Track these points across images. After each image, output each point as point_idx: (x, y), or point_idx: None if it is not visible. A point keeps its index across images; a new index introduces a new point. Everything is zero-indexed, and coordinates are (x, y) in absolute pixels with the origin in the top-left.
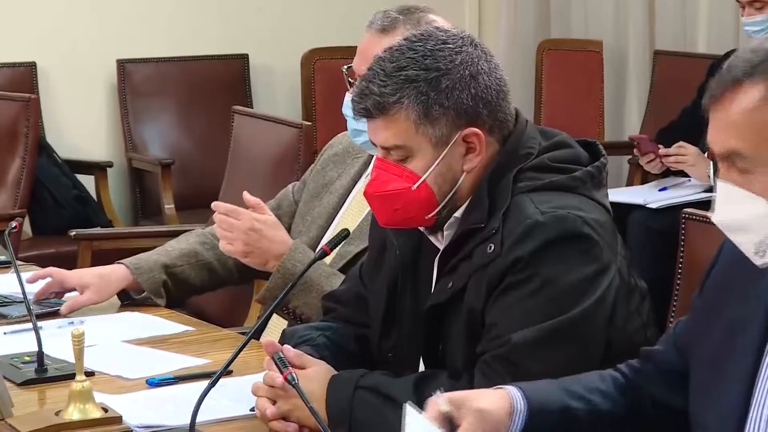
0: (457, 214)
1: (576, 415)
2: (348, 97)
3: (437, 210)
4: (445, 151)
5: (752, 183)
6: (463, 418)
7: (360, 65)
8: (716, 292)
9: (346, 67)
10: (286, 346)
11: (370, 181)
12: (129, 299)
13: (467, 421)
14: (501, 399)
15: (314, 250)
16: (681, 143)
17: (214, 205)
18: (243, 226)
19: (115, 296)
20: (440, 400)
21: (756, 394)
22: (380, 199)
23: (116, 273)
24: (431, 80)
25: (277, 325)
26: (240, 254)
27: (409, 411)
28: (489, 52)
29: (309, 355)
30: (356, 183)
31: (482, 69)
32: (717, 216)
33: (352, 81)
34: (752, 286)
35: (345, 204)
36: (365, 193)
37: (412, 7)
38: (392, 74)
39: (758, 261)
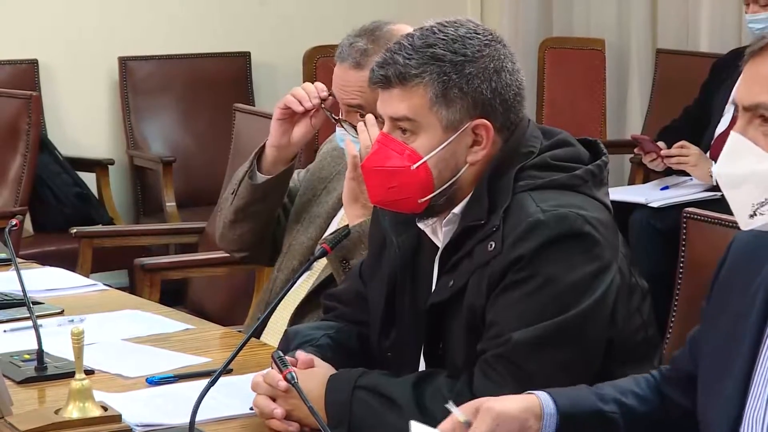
0: (456, 210)
1: (611, 418)
2: (338, 131)
3: (432, 195)
4: (452, 137)
5: None
6: (477, 421)
7: (339, 97)
8: (722, 291)
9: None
10: (299, 351)
11: (369, 155)
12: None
13: (477, 425)
14: (525, 401)
15: (313, 250)
16: (683, 143)
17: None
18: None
19: None
20: (455, 410)
21: (754, 380)
22: (377, 174)
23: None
24: (456, 63)
25: (278, 324)
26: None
27: (415, 427)
28: (515, 55)
29: (312, 355)
30: None
31: (506, 67)
32: (719, 167)
33: (336, 117)
34: (754, 278)
35: None
36: (362, 166)
37: (376, 28)
38: (420, 49)
39: (747, 223)
